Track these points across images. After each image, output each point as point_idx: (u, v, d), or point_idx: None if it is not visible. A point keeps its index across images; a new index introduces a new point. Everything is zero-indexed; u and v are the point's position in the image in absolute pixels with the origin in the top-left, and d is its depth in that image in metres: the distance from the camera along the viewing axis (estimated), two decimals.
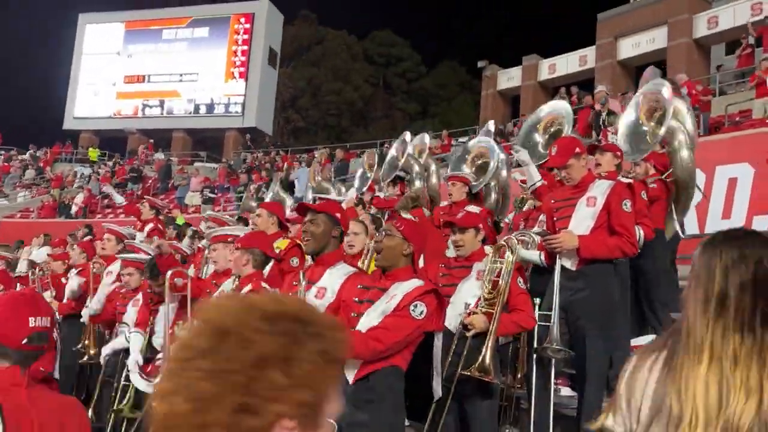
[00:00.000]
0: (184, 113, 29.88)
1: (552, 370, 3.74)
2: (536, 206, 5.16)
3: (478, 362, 3.21)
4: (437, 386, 3.39)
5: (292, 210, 5.85)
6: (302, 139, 37.36)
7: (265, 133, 29.73)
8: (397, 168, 6.88)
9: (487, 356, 3.21)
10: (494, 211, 5.84)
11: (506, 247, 3.58)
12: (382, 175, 7.37)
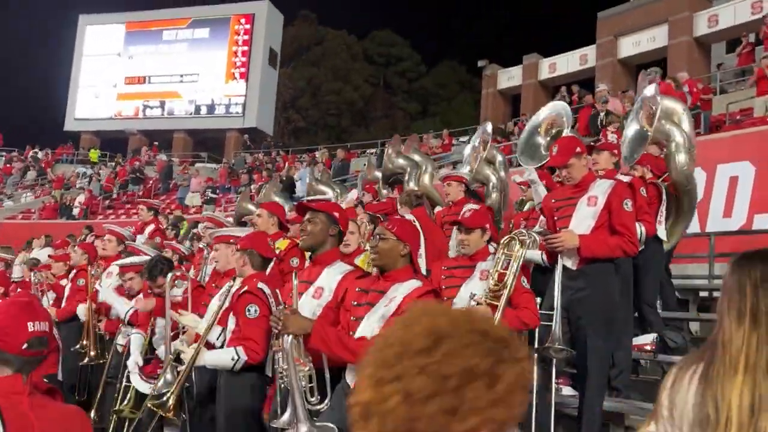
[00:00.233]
0: (185, 114, 29.89)
1: (553, 369, 3.74)
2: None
3: None
4: None
5: (290, 210, 5.85)
6: (303, 139, 37.37)
7: (265, 133, 29.73)
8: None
9: None
10: (496, 209, 5.84)
11: (516, 240, 3.57)
12: (382, 177, 7.37)
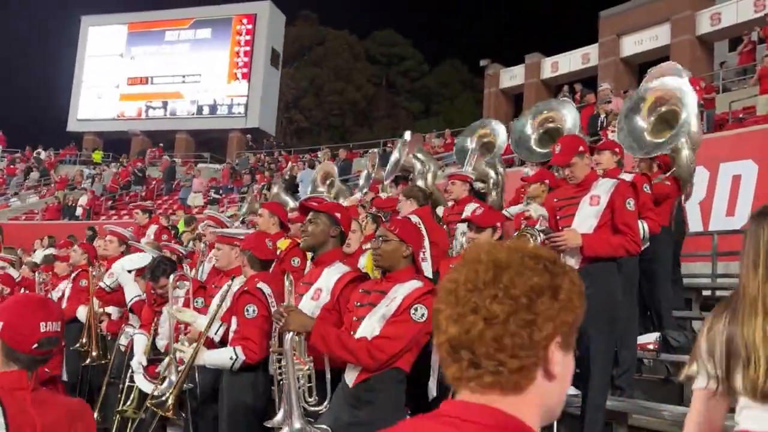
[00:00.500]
0: (187, 114, 29.95)
1: None
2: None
3: None
4: (432, 386, 3.37)
5: (292, 210, 5.84)
6: (305, 139, 37.36)
7: (268, 133, 29.75)
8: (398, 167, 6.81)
9: None
10: (497, 207, 5.83)
11: (528, 236, 3.58)
12: (386, 175, 7.37)
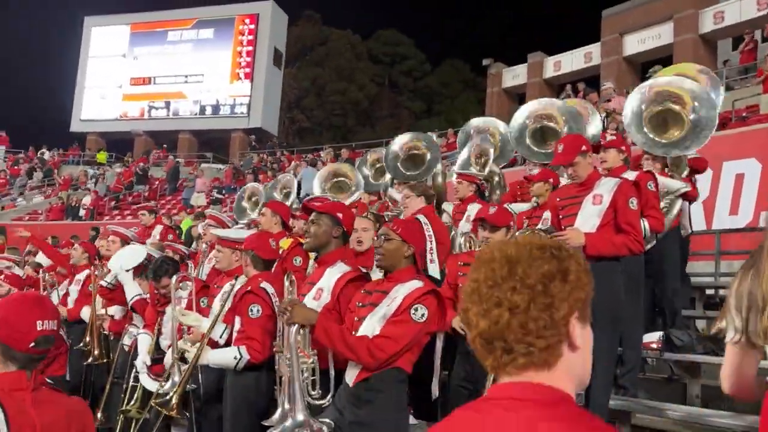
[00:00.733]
0: (190, 114, 29.97)
1: None
2: (539, 204, 5.16)
3: None
4: (435, 386, 3.37)
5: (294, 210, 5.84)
6: (308, 139, 37.37)
7: (270, 133, 29.76)
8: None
9: None
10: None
11: (537, 234, 3.58)
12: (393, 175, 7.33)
